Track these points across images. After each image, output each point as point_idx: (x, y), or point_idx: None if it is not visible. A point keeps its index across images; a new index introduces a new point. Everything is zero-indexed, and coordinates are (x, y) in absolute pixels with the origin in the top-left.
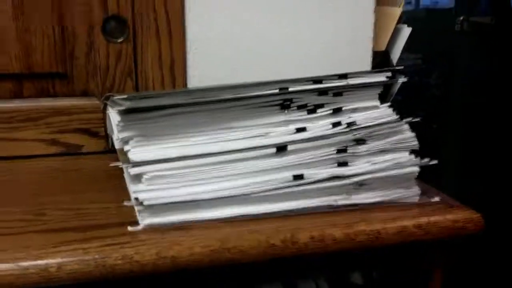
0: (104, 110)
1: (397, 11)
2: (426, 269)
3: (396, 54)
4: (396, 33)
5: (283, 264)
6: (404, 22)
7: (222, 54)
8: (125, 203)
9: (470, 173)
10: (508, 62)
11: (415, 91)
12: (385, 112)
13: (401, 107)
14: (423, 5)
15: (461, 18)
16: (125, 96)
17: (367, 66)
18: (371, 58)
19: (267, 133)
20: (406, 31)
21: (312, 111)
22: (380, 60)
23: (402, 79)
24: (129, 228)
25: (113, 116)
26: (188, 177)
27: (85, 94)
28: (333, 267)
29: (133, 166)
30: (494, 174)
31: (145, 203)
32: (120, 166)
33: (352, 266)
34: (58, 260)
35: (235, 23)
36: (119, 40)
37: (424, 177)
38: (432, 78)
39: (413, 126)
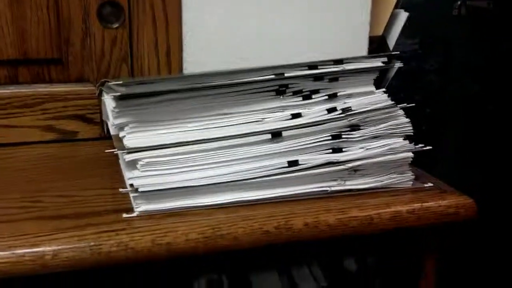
0: (99, 96)
1: None
2: (419, 254)
3: (392, 39)
4: (393, 18)
5: (277, 250)
6: (402, 7)
7: (218, 40)
8: (121, 190)
9: (466, 160)
10: (506, 47)
11: (412, 76)
12: (380, 98)
13: (399, 92)
14: None
15: (459, 2)
16: (120, 82)
17: (364, 51)
18: (368, 43)
19: (262, 119)
20: (403, 16)
21: (307, 96)
22: (377, 45)
23: (398, 64)
24: (124, 215)
25: (109, 102)
26: (183, 163)
27: (80, 80)
28: (327, 253)
29: (128, 153)
30: (490, 161)
31: (140, 189)
32: (115, 153)
33: (347, 252)
34: (54, 247)
35: (231, 9)
36: (115, 26)
37: (419, 161)
38: (429, 64)
39: (408, 111)
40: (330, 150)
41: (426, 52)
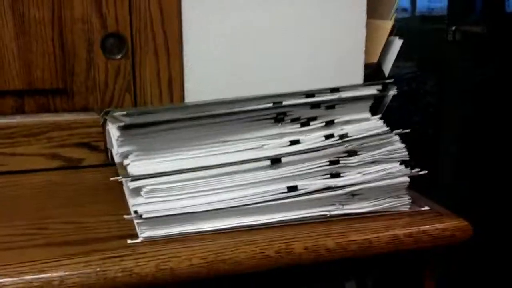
0: (103, 125)
1: (388, 24)
2: (418, 276)
3: (388, 66)
4: (388, 45)
5: (279, 273)
6: (398, 31)
7: (217, 69)
8: (125, 216)
9: (465, 178)
10: (501, 70)
11: (413, 97)
12: (375, 124)
13: (398, 114)
14: (419, 12)
15: (453, 28)
16: (124, 112)
17: (359, 79)
18: (363, 71)
19: (261, 145)
20: (397, 43)
21: (305, 124)
22: (372, 72)
23: (392, 92)
24: (129, 241)
25: (113, 132)
26: (186, 190)
27: (85, 109)
28: (328, 276)
29: (132, 180)
30: (489, 179)
31: (144, 216)
32: (119, 180)
33: (347, 274)
34: (61, 273)
35: (230, 40)
36: (118, 57)
37: (419, 182)
38: (429, 85)
39: (409, 133)
40: (328, 175)
41: (425, 74)
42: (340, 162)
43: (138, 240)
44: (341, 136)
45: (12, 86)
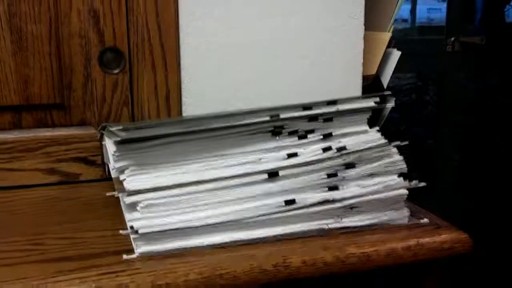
0: (100, 140)
1: (386, 36)
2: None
3: (386, 78)
4: (386, 57)
5: (278, 287)
6: (398, 42)
7: (215, 83)
8: (121, 232)
9: (464, 189)
10: (500, 80)
11: (412, 108)
12: (374, 137)
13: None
14: (419, 23)
15: (452, 38)
16: (120, 127)
17: (358, 91)
18: (361, 83)
19: (259, 159)
20: (395, 55)
21: (303, 136)
22: (371, 84)
23: (390, 104)
24: (125, 257)
25: (109, 146)
26: (182, 204)
27: (82, 123)
28: None
29: (129, 195)
30: (489, 190)
31: (140, 231)
32: (116, 195)
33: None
34: None
35: (228, 54)
36: (116, 71)
37: (418, 192)
38: (429, 96)
39: (409, 143)
40: (326, 189)
41: (425, 85)
42: (338, 175)
43: (134, 256)
44: (339, 149)
45: (9, 102)
